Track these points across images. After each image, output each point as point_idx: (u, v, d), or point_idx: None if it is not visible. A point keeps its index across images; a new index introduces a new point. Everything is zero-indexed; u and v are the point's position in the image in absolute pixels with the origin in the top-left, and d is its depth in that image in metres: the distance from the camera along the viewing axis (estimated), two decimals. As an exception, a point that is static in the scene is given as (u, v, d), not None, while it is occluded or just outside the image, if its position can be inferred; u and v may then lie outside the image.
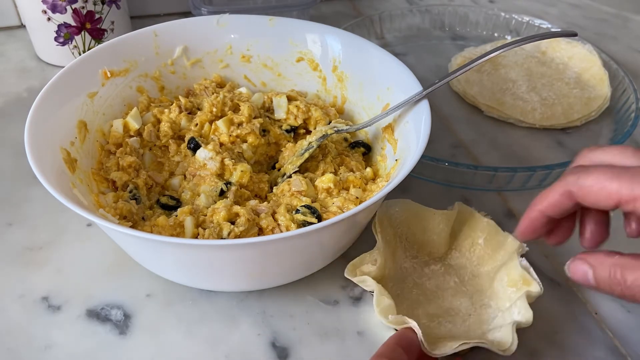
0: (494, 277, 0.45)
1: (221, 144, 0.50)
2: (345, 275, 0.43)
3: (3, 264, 0.47)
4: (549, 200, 0.35)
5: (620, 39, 0.83)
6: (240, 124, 0.51)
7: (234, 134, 0.50)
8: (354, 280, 0.43)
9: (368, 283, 0.43)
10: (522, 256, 0.45)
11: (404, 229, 0.48)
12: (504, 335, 0.40)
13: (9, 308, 0.44)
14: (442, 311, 0.44)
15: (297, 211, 0.44)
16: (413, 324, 0.39)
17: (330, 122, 0.53)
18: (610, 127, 0.65)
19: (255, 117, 0.52)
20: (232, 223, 0.43)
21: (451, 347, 0.39)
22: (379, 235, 0.45)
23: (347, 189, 0.48)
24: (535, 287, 0.42)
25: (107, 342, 0.42)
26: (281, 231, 0.43)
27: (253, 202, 0.46)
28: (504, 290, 0.44)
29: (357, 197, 0.46)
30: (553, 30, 0.76)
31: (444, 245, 0.48)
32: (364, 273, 0.43)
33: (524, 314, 0.41)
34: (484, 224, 0.48)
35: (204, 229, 0.43)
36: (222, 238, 0.42)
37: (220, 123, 0.50)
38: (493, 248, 0.47)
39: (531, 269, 0.44)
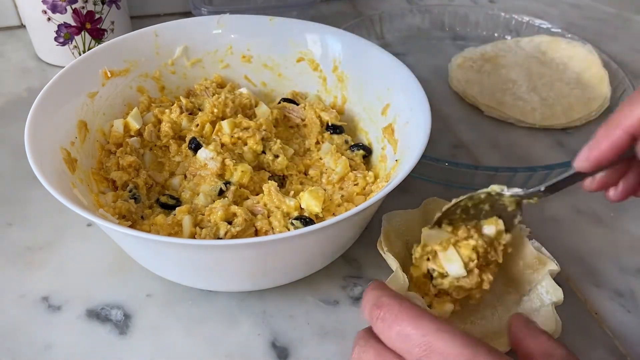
0: (503, 263, 0.46)
1: (222, 145, 0.50)
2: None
3: (3, 264, 0.47)
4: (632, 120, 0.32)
5: (620, 39, 0.83)
6: (246, 128, 0.51)
7: (236, 135, 0.50)
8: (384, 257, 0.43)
9: (390, 261, 0.43)
10: (530, 238, 0.45)
11: (410, 237, 0.47)
12: (545, 320, 0.41)
13: (9, 308, 0.44)
14: (470, 309, 0.44)
15: (292, 223, 0.44)
16: (420, 302, 0.39)
17: None
18: (610, 127, 0.65)
19: (264, 139, 0.51)
20: (230, 223, 0.44)
21: (505, 345, 0.39)
22: (389, 255, 0.43)
23: (351, 201, 0.48)
24: (553, 265, 0.43)
25: (107, 342, 0.42)
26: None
27: (249, 202, 0.46)
28: (521, 275, 0.45)
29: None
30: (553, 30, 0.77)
31: None
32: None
33: (553, 293, 0.42)
34: None
35: (202, 228, 0.43)
36: (218, 238, 0.42)
37: (224, 124, 0.50)
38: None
39: (543, 249, 0.45)
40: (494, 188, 0.41)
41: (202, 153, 0.49)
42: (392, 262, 0.43)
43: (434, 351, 0.31)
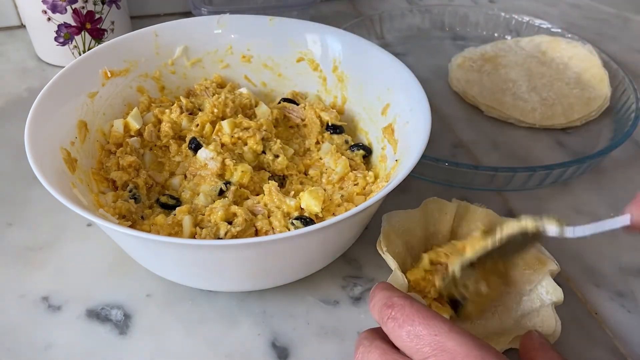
0: (504, 263, 0.46)
1: (222, 145, 0.50)
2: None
3: (3, 264, 0.47)
4: None
5: (620, 39, 0.83)
6: (246, 128, 0.51)
7: (236, 135, 0.50)
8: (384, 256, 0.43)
9: (389, 261, 0.43)
10: None
11: (410, 237, 0.47)
12: (545, 320, 0.41)
13: (9, 308, 0.44)
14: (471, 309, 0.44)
15: (292, 223, 0.44)
16: (422, 301, 0.39)
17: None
18: (610, 127, 0.65)
19: (264, 139, 0.51)
20: (230, 223, 0.43)
21: (505, 343, 0.39)
22: (388, 255, 0.43)
23: (351, 201, 0.48)
24: (553, 265, 0.43)
25: (107, 342, 0.42)
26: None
27: (250, 202, 0.46)
28: (521, 275, 0.45)
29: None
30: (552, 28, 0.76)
31: (446, 240, 0.48)
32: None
33: (553, 293, 0.42)
34: (483, 214, 0.48)
35: (202, 228, 0.43)
36: (218, 238, 0.42)
37: (224, 124, 0.50)
38: None
39: (543, 249, 0.45)
40: (529, 225, 0.38)
41: (202, 153, 0.49)
42: (391, 262, 0.43)
43: (444, 351, 0.31)
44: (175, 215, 0.45)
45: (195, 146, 0.50)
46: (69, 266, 0.47)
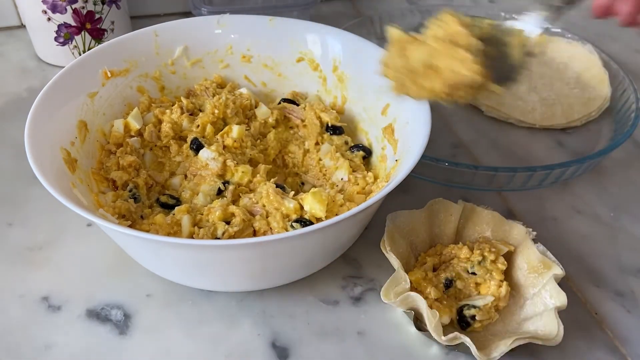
0: (508, 265, 0.46)
1: (224, 147, 0.50)
2: (384, 300, 0.42)
3: (3, 264, 0.47)
4: None
5: (620, 39, 0.83)
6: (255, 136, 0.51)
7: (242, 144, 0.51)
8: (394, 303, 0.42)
9: (392, 260, 0.43)
10: (535, 242, 0.45)
11: (414, 238, 0.47)
12: (546, 324, 0.41)
13: (9, 308, 0.44)
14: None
15: (292, 226, 0.44)
16: (422, 302, 0.39)
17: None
18: (610, 127, 0.65)
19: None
20: (228, 223, 0.43)
21: (506, 345, 0.39)
22: (392, 254, 0.43)
23: (352, 200, 0.47)
24: (557, 269, 0.43)
25: (107, 342, 0.42)
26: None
27: (247, 201, 0.46)
28: (525, 278, 0.45)
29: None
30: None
31: (451, 241, 0.48)
32: (399, 293, 0.42)
33: (557, 297, 0.42)
34: (489, 216, 0.48)
35: (200, 228, 0.43)
36: (216, 237, 0.42)
37: (235, 129, 0.50)
38: (501, 238, 0.47)
39: (548, 253, 0.45)
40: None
41: (204, 153, 0.49)
42: (394, 262, 0.43)
43: None
44: (174, 214, 0.45)
45: (197, 146, 0.50)
46: (69, 266, 0.47)
